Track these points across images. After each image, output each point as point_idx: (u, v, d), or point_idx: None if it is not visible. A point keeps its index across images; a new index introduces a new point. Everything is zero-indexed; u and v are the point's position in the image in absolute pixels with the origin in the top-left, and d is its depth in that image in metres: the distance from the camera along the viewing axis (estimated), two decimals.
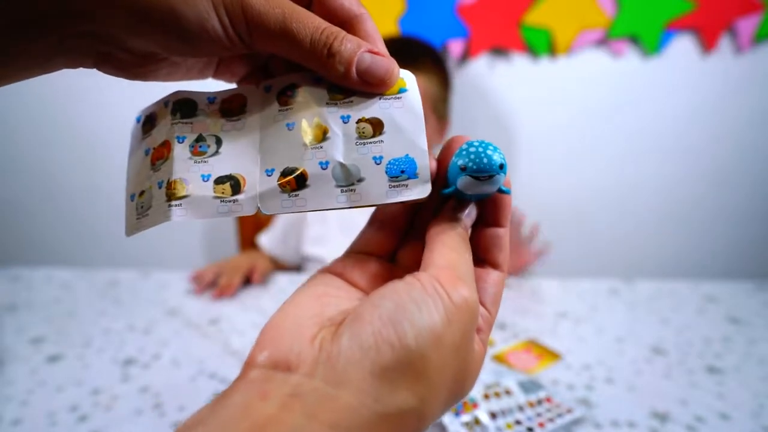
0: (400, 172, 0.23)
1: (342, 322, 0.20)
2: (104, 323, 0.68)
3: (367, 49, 0.23)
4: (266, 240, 1.00)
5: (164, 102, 0.26)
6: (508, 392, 0.50)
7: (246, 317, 0.70)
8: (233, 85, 0.28)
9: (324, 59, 0.23)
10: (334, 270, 0.25)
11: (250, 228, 1.09)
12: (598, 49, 1.06)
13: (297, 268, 1.02)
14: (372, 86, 0.24)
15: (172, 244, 1.30)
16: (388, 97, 0.24)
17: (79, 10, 0.20)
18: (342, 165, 0.23)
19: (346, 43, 0.23)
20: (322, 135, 0.24)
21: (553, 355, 0.60)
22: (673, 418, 0.49)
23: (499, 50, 1.07)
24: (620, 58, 1.06)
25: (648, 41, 1.03)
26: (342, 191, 0.23)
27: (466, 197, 0.24)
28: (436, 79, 0.90)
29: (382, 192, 0.23)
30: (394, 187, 0.23)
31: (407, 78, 0.25)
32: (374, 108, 0.24)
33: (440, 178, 0.25)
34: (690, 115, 1.10)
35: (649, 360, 0.60)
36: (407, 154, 0.24)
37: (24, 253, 1.34)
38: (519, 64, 1.08)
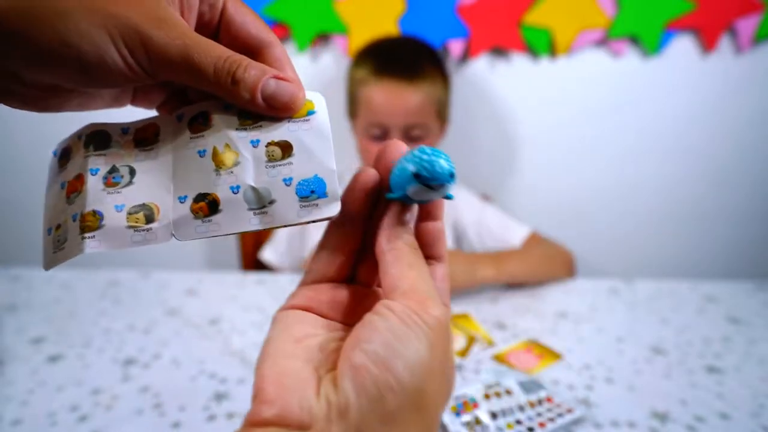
0: (310, 192, 0.24)
1: (335, 366, 0.20)
2: (104, 323, 0.68)
3: (271, 75, 0.24)
4: (271, 255, 1.00)
5: (78, 135, 0.27)
6: (508, 392, 0.50)
7: (246, 317, 0.70)
8: (152, 112, 0.28)
9: (229, 87, 0.23)
10: (300, 305, 0.25)
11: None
12: (598, 49, 1.06)
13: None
14: (278, 111, 0.24)
15: (172, 244, 1.30)
16: (297, 119, 0.25)
17: None
18: (253, 188, 0.24)
19: (250, 70, 0.23)
20: (233, 160, 0.24)
21: (553, 355, 0.60)
22: (673, 418, 0.49)
23: (499, 50, 1.07)
24: (620, 58, 1.06)
25: (648, 41, 1.03)
26: (255, 214, 0.24)
27: (411, 202, 0.24)
28: (439, 84, 0.90)
29: (294, 212, 0.24)
30: (304, 206, 0.24)
31: (316, 100, 0.26)
32: (282, 131, 0.25)
33: (383, 182, 0.25)
34: (690, 115, 1.10)
35: (649, 360, 0.60)
36: (316, 175, 0.24)
37: (24, 253, 1.33)
38: (519, 64, 1.08)
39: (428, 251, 0.26)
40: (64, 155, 0.27)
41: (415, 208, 0.25)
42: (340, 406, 0.19)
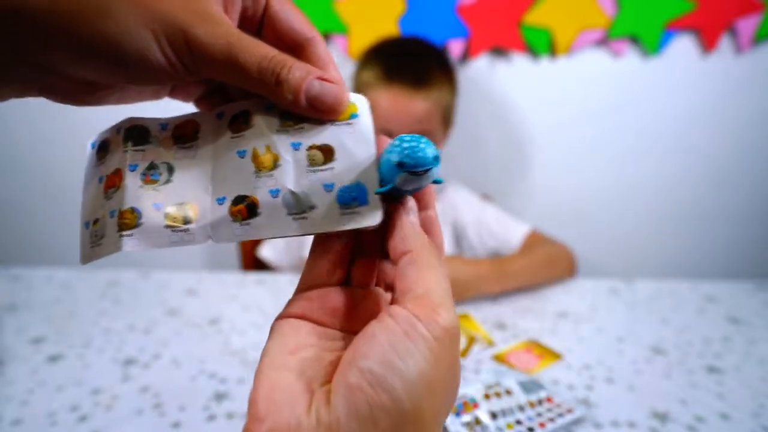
0: (352, 200, 0.23)
1: (330, 379, 0.20)
2: (104, 323, 0.68)
3: (316, 76, 0.23)
4: (269, 252, 0.99)
5: (117, 129, 0.26)
6: (508, 392, 0.50)
7: (246, 317, 0.70)
8: (190, 105, 0.28)
9: (272, 87, 0.23)
10: (295, 314, 0.24)
11: None
12: (598, 49, 1.06)
13: None
14: (321, 113, 0.24)
15: None
16: (340, 123, 0.24)
17: (15, 38, 0.20)
18: (292, 193, 0.23)
19: (294, 71, 0.23)
20: (273, 162, 0.24)
21: (553, 355, 0.60)
22: (673, 418, 0.49)
23: (499, 50, 1.07)
24: (620, 58, 1.06)
25: (648, 41, 1.03)
26: (294, 219, 0.23)
27: (402, 193, 0.24)
28: (447, 89, 0.89)
29: (334, 219, 0.23)
30: (345, 214, 0.23)
31: (359, 103, 0.25)
32: (325, 134, 0.24)
33: None
34: (690, 115, 1.10)
35: (649, 360, 0.60)
36: (358, 181, 0.23)
37: (24, 253, 1.34)
38: (519, 64, 1.08)
39: None
40: (102, 148, 0.26)
41: (413, 202, 0.25)
42: (330, 425, 0.18)
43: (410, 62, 0.88)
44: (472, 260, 0.80)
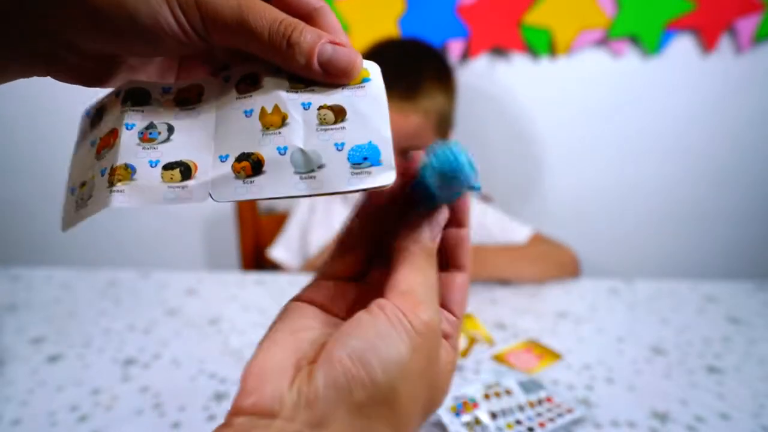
0: (363, 159, 0.22)
1: (315, 360, 0.21)
2: (104, 323, 0.68)
3: (328, 40, 0.23)
4: (282, 253, 0.98)
5: (116, 93, 0.25)
6: (508, 392, 0.50)
7: (246, 317, 0.69)
8: None
9: (284, 51, 0.22)
10: (306, 298, 0.25)
11: (250, 229, 1.09)
12: (598, 49, 1.06)
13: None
14: (334, 77, 0.23)
15: (172, 244, 1.30)
16: (352, 86, 0.24)
17: (28, 11, 0.20)
18: (302, 150, 0.22)
19: (306, 34, 0.22)
20: (281, 121, 0.23)
21: (553, 355, 0.60)
22: (673, 418, 0.49)
23: (499, 50, 1.07)
24: (620, 58, 1.06)
25: (648, 41, 1.03)
26: (301, 178, 0.22)
27: (438, 200, 0.24)
28: (441, 96, 0.87)
29: (344, 179, 0.22)
30: (356, 174, 0.22)
31: (371, 68, 0.25)
32: (336, 96, 0.23)
33: (409, 182, 0.25)
34: (690, 115, 1.10)
35: (649, 360, 0.60)
36: (370, 141, 0.23)
37: (24, 253, 1.34)
38: (519, 64, 1.08)
39: (450, 258, 0.26)
40: (97, 114, 0.26)
41: (445, 213, 0.25)
42: (309, 396, 0.19)
43: (399, 73, 0.85)
44: None
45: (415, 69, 0.87)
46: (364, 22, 1.03)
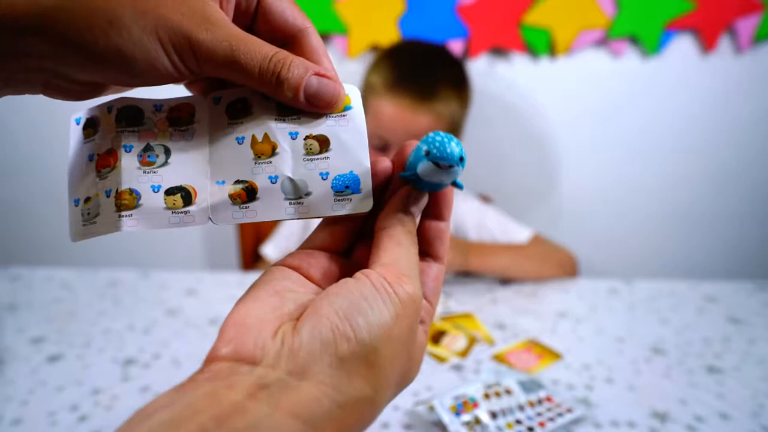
0: (345, 188, 0.25)
1: (300, 316, 0.21)
2: (104, 323, 0.68)
3: (314, 72, 0.24)
4: (272, 251, 0.99)
5: (107, 107, 0.26)
6: (508, 392, 0.50)
7: None
8: (182, 89, 0.28)
9: (273, 86, 0.24)
10: (290, 264, 0.26)
11: (250, 229, 1.09)
12: (598, 49, 1.06)
13: None
14: (319, 108, 0.25)
15: (172, 244, 1.30)
16: (335, 115, 0.26)
17: (24, 51, 0.21)
18: (291, 180, 0.25)
19: (294, 69, 0.24)
20: (271, 150, 0.25)
21: (553, 355, 0.60)
22: (673, 417, 0.49)
23: (499, 50, 1.07)
24: (620, 58, 1.06)
25: (648, 41, 1.03)
26: (290, 204, 0.25)
27: (422, 186, 0.25)
28: (455, 102, 0.88)
29: (328, 205, 0.25)
30: (339, 200, 0.25)
31: (352, 94, 0.26)
32: (321, 126, 0.25)
33: (399, 165, 0.26)
34: (690, 115, 1.10)
35: (648, 360, 0.60)
36: (351, 171, 0.25)
37: (24, 253, 1.34)
38: (519, 64, 1.08)
39: (428, 248, 0.27)
40: (89, 125, 0.26)
41: (424, 199, 0.26)
42: (293, 345, 0.20)
43: (419, 73, 0.86)
44: (459, 241, 0.87)
45: (434, 72, 0.88)
46: (364, 22, 1.03)
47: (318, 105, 0.25)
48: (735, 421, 0.49)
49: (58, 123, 1.20)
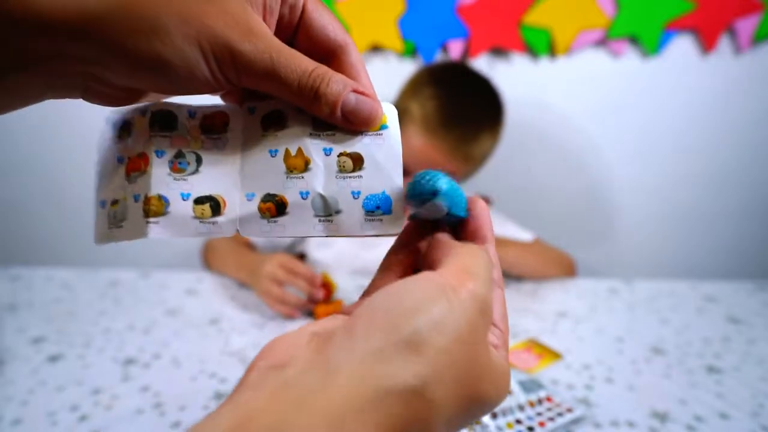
0: (376, 208, 0.25)
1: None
2: (104, 323, 0.68)
3: (352, 89, 0.24)
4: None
5: (141, 111, 0.26)
6: (508, 392, 0.50)
7: (246, 317, 0.70)
8: (217, 98, 0.28)
9: (311, 101, 0.24)
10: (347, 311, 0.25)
11: None
12: (597, 49, 1.06)
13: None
14: (355, 126, 0.25)
15: (172, 244, 1.30)
16: (370, 133, 0.25)
17: (70, 55, 0.21)
18: (321, 196, 0.24)
19: (332, 85, 0.23)
20: (304, 165, 0.25)
21: (553, 355, 0.60)
22: (673, 417, 0.49)
23: (499, 50, 1.07)
24: (620, 58, 1.06)
25: (648, 41, 1.03)
26: (320, 221, 0.24)
27: (419, 219, 0.25)
28: (488, 144, 0.85)
29: (358, 225, 0.24)
30: (369, 220, 0.25)
31: (389, 113, 0.26)
32: (356, 144, 0.25)
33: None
34: (690, 115, 1.10)
35: (648, 360, 0.60)
36: (384, 191, 0.25)
37: (24, 253, 1.34)
38: (519, 64, 1.08)
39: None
40: (122, 127, 0.26)
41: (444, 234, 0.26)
42: (323, 347, 0.19)
43: (463, 118, 0.81)
44: None
45: (478, 117, 0.84)
46: (364, 22, 1.03)
47: (354, 122, 0.24)
48: (735, 421, 0.49)
49: (58, 123, 1.20)
